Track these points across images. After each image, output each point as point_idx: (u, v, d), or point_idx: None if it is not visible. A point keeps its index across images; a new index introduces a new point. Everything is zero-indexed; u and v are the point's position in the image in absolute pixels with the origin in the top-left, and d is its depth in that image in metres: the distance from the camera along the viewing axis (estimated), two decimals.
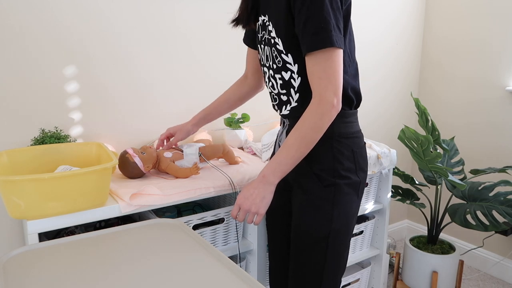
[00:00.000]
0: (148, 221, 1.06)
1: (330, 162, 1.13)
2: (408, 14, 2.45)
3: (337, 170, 1.13)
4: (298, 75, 1.13)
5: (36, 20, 1.39)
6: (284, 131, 1.23)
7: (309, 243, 1.16)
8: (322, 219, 1.14)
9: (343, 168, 1.14)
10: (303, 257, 1.18)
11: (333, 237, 1.15)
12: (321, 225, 1.14)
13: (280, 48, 1.12)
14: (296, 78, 1.13)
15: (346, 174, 1.14)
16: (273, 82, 1.20)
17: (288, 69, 1.13)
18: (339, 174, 1.13)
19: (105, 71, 1.55)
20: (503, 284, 2.29)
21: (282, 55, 1.13)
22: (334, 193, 1.13)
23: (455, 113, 2.46)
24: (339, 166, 1.13)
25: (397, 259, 2.11)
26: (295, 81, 1.14)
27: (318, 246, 1.15)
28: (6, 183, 1.02)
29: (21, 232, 1.47)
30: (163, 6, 1.63)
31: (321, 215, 1.14)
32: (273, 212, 1.33)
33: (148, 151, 1.37)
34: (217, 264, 0.84)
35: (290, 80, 1.14)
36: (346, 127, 1.15)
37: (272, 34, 1.13)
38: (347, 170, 1.14)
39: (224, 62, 1.82)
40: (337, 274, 1.21)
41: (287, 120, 1.22)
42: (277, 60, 1.15)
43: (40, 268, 0.83)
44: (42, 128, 1.45)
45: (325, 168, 1.13)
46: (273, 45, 1.14)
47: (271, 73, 1.19)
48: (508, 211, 1.80)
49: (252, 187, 1.10)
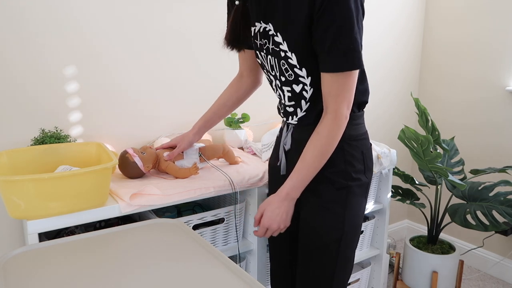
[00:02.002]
0: (148, 221, 1.06)
1: (342, 165, 1.12)
2: (407, 14, 2.45)
3: (349, 173, 1.13)
4: (310, 86, 1.10)
5: (36, 20, 1.39)
6: (288, 134, 1.19)
7: (320, 246, 1.15)
8: (335, 222, 1.13)
9: (354, 170, 1.13)
10: (314, 260, 1.17)
11: (345, 239, 1.14)
12: (333, 228, 1.13)
13: (294, 63, 1.08)
14: (308, 90, 1.11)
15: (357, 176, 1.14)
16: (280, 93, 1.17)
17: (300, 82, 1.10)
18: (351, 177, 1.13)
19: (105, 71, 1.55)
20: (503, 284, 2.29)
21: (295, 69, 1.09)
22: (346, 195, 1.13)
23: (455, 113, 2.46)
24: (350, 168, 1.13)
25: (397, 259, 2.11)
26: (307, 92, 1.11)
27: (329, 249, 1.14)
28: (6, 183, 1.02)
29: (21, 232, 1.47)
30: (166, 6, 1.63)
31: (334, 218, 1.13)
32: None
33: (148, 151, 1.37)
34: (217, 264, 0.84)
35: (302, 92, 1.12)
36: (355, 129, 1.14)
37: (283, 47, 1.08)
38: (358, 172, 1.14)
39: (224, 62, 1.81)
40: (346, 277, 1.20)
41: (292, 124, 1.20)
42: (288, 73, 1.11)
43: (40, 268, 0.83)
44: (42, 128, 1.45)
45: (338, 171, 1.12)
46: (283, 59, 1.09)
47: (278, 84, 1.16)
48: (508, 211, 1.80)
49: (276, 207, 1.11)
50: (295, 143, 1.18)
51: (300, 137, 1.16)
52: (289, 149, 1.20)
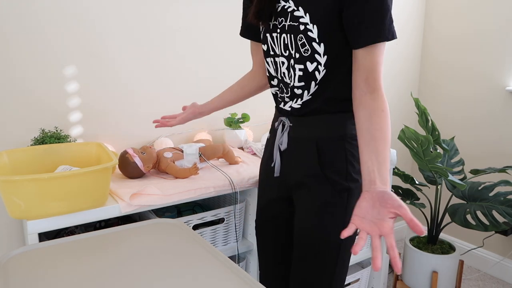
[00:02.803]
0: (148, 221, 1.06)
1: (343, 165, 1.10)
2: (407, 14, 2.45)
3: (350, 173, 1.10)
4: (324, 67, 1.07)
5: (36, 20, 1.39)
6: (285, 134, 1.15)
7: (319, 251, 1.12)
8: (336, 226, 1.10)
9: (354, 171, 1.11)
10: (311, 264, 1.13)
11: (345, 244, 1.11)
12: (334, 232, 1.10)
13: (314, 36, 1.04)
14: (321, 70, 1.07)
15: (357, 177, 1.11)
16: (291, 73, 1.12)
17: (315, 59, 1.07)
18: (352, 178, 1.10)
19: (106, 71, 1.55)
20: (503, 284, 2.29)
21: (313, 44, 1.05)
22: (347, 198, 1.10)
23: (455, 113, 2.46)
24: (351, 168, 1.10)
25: None
26: (319, 73, 1.07)
27: (330, 254, 1.11)
28: (6, 183, 1.02)
29: (21, 232, 1.47)
30: (168, 6, 1.63)
31: (335, 222, 1.10)
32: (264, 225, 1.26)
33: (148, 151, 1.37)
34: (217, 264, 0.84)
35: (314, 72, 1.08)
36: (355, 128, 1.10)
37: (304, 20, 1.04)
38: (358, 173, 1.11)
39: (225, 62, 1.81)
40: (343, 280, 1.18)
41: (288, 120, 1.15)
42: (304, 48, 1.07)
43: (40, 268, 0.83)
44: (42, 128, 1.45)
45: (338, 171, 1.10)
46: (302, 32, 1.05)
47: (291, 63, 1.11)
48: (508, 211, 1.80)
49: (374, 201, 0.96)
50: (293, 142, 1.14)
51: (298, 135, 1.13)
52: (285, 149, 1.16)
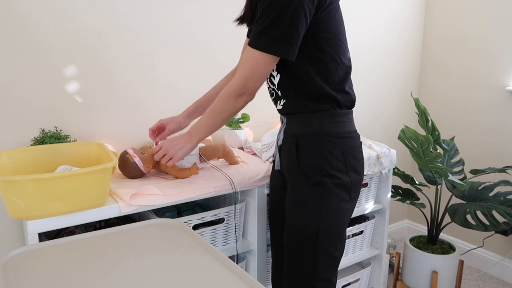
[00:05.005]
0: (148, 221, 1.06)
1: (318, 161, 1.14)
2: (407, 15, 2.45)
3: (325, 169, 1.13)
4: (276, 72, 1.16)
5: (36, 20, 1.39)
6: (282, 130, 1.25)
7: (298, 241, 1.17)
8: (310, 217, 1.15)
9: (331, 167, 1.14)
10: (294, 255, 1.19)
11: (322, 236, 1.15)
12: (309, 223, 1.15)
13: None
14: (275, 75, 1.17)
15: (335, 174, 1.14)
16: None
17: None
18: (327, 173, 1.13)
19: (106, 71, 1.55)
20: (503, 284, 2.29)
21: None
22: (322, 192, 1.14)
23: (455, 113, 2.46)
24: (327, 165, 1.13)
25: (397, 259, 2.11)
26: (274, 78, 1.18)
27: (308, 244, 1.16)
28: (6, 183, 1.02)
29: (21, 232, 1.47)
30: (171, 6, 1.63)
31: (309, 213, 1.15)
32: (274, 211, 1.33)
33: (148, 151, 1.37)
34: (217, 264, 0.84)
35: (271, 77, 1.19)
36: (336, 126, 1.15)
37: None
38: (336, 170, 1.14)
39: (226, 64, 1.81)
40: (330, 275, 1.20)
41: (285, 118, 1.24)
42: None
43: (40, 268, 0.83)
44: (42, 128, 1.45)
45: (313, 166, 1.14)
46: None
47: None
48: (508, 211, 1.80)
49: (177, 138, 1.25)
50: (286, 138, 1.22)
51: (289, 132, 1.20)
52: (281, 144, 1.25)
